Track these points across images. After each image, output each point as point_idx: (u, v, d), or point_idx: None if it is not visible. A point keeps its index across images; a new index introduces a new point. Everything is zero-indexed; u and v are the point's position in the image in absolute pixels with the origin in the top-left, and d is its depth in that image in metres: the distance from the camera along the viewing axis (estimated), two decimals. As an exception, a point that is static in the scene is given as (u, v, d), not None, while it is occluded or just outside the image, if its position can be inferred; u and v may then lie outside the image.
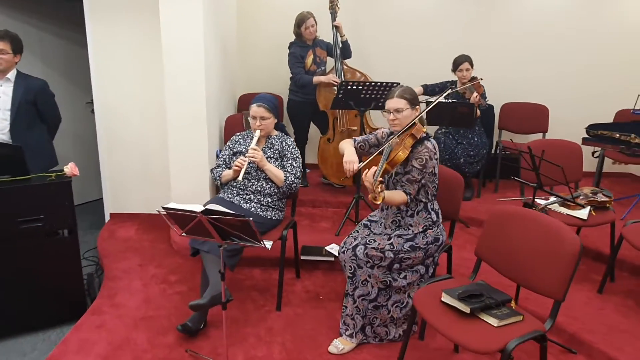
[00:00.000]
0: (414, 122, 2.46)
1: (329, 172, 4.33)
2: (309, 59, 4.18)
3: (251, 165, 2.82)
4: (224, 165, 2.98)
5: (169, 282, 3.17)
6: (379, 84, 3.52)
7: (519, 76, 4.91)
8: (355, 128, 4.16)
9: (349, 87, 3.53)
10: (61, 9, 4.42)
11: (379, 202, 2.19)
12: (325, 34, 4.28)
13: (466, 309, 1.98)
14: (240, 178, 2.72)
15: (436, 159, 2.48)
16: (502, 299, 2.04)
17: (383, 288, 2.51)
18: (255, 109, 2.85)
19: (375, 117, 4.30)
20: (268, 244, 2.41)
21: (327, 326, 2.71)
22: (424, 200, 2.51)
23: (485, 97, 4.14)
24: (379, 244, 2.48)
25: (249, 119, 2.93)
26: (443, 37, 4.84)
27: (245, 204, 2.82)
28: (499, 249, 2.23)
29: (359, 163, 2.57)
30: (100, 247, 3.65)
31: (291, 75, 4.27)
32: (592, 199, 3.04)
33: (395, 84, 3.59)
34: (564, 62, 4.86)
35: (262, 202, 2.84)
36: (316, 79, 4.14)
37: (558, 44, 4.82)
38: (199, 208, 1.96)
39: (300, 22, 4.06)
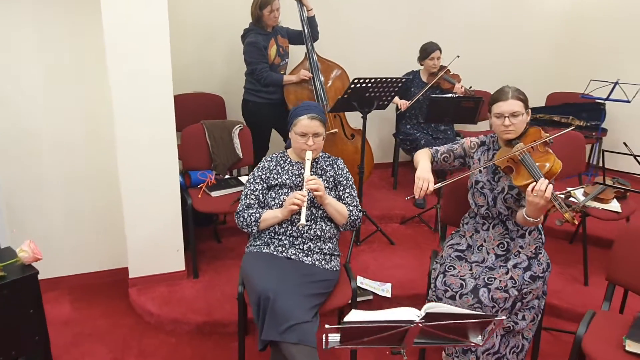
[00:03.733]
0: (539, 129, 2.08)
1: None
2: (272, 50, 3.38)
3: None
4: (257, 205, 2.13)
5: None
6: (389, 79, 2.97)
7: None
8: (335, 130, 3.53)
9: (359, 85, 2.90)
10: None
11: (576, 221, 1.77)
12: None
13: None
14: (303, 221, 1.94)
15: None
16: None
17: (503, 334, 2.07)
18: (307, 124, 2.07)
19: (350, 117, 3.71)
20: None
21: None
22: None
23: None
24: (500, 281, 2.01)
25: (294, 135, 2.13)
26: (395, 24, 4.43)
27: (306, 258, 2.05)
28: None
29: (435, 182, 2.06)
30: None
31: (248, 71, 3.42)
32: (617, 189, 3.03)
33: (404, 78, 3.08)
34: (492, 49, 4.88)
35: (324, 251, 2.10)
36: (287, 77, 3.39)
37: (486, 32, 4.81)
38: (404, 313, 1.21)
39: (265, 2, 3.22)
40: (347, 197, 2.17)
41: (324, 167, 2.20)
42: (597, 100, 4.20)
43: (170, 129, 2.61)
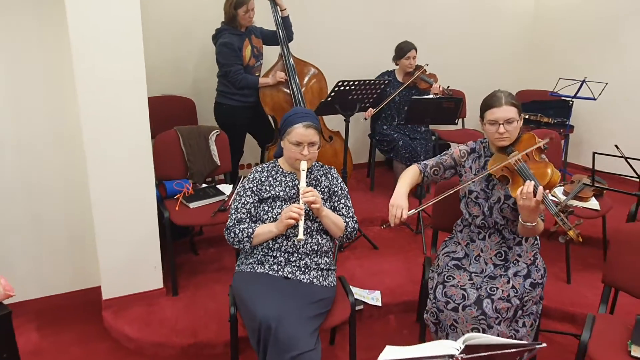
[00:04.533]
0: (533, 135, 2.04)
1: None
2: (247, 51, 3.23)
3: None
4: (248, 220, 1.99)
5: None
6: (373, 81, 2.88)
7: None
8: (314, 134, 3.42)
9: (343, 88, 2.80)
10: None
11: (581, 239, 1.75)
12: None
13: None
14: (301, 235, 1.83)
15: None
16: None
17: (505, 344, 2.03)
18: (302, 132, 1.94)
19: (326, 118, 3.61)
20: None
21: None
22: None
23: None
24: (503, 290, 1.98)
25: (287, 144, 1.98)
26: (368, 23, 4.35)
27: (303, 276, 1.93)
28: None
29: (408, 209, 1.99)
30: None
31: (221, 73, 3.26)
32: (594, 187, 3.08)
33: (387, 80, 3.01)
34: (462, 49, 4.90)
35: (321, 267, 1.99)
36: (262, 80, 3.25)
37: (456, 32, 4.82)
38: (441, 347, 1.12)
39: (241, 2, 3.06)
40: (342, 207, 2.07)
41: (318, 177, 2.09)
42: (565, 98, 4.29)
43: (145, 137, 2.43)
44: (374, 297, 2.75)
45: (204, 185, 2.96)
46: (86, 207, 2.47)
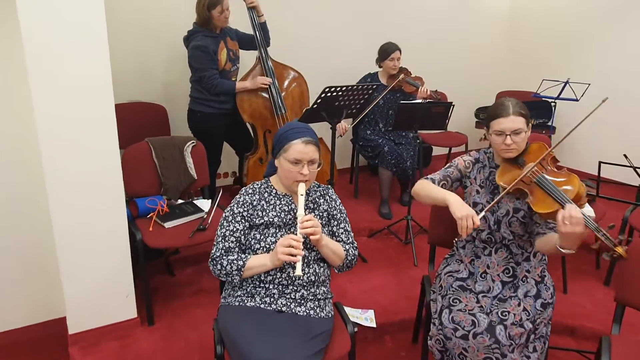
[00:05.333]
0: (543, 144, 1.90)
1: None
2: (223, 54, 3.00)
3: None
4: (237, 249, 1.76)
5: None
6: (360, 86, 2.70)
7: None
8: (296, 142, 3.22)
9: (330, 94, 2.60)
10: None
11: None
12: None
13: None
14: (299, 272, 1.61)
15: None
16: None
17: (515, 371, 1.89)
18: (301, 149, 1.71)
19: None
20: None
21: None
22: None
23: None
24: (515, 315, 1.83)
25: (283, 163, 1.75)
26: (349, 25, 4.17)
27: (299, 308, 1.72)
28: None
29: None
30: None
31: (195, 78, 3.01)
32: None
33: (374, 85, 2.83)
34: (443, 52, 4.79)
35: (318, 297, 1.78)
36: (240, 84, 3.02)
37: (436, 35, 4.70)
38: None
39: (215, 2, 2.82)
40: (341, 233, 1.87)
41: (316, 199, 1.87)
42: (547, 99, 4.24)
43: (113, 150, 2.16)
44: (367, 317, 2.57)
45: (179, 201, 2.72)
46: (47, 231, 2.20)
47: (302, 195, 1.71)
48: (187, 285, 2.80)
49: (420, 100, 3.05)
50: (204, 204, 2.71)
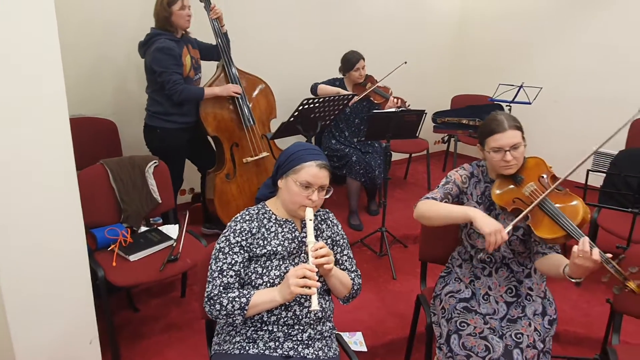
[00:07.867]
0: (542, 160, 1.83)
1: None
2: (187, 59, 2.74)
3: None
4: (237, 284, 1.53)
5: None
6: (336, 97, 2.56)
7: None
8: (265, 154, 3.02)
9: (308, 107, 2.43)
10: None
11: None
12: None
13: None
14: (316, 306, 1.42)
15: None
16: None
17: (528, 391, 1.83)
18: (315, 173, 1.55)
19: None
20: None
21: None
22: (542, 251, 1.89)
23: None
24: (528, 336, 1.76)
25: (291, 185, 1.56)
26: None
27: (307, 350, 1.54)
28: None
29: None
30: None
31: (155, 87, 2.72)
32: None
33: (351, 95, 2.69)
34: (398, 56, 4.76)
35: (325, 335, 1.61)
36: (209, 90, 2.76)
37: (391, 39, 4.67)
38: None
39: (174, -1, 2.56)
40: (345, 260, 1.71)
41: (319, 225, 1.69)
42: (502, 103, 4.32)
43: (68, 174, 1.84)
44: (356, 341, 2.44)
45: (143, 228, 2.43)
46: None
47: (310, 220, 1.53)
48: (153, 320, 2.52)
49: (393, 109, 2.96)
50: (171, 229, 2.44)
